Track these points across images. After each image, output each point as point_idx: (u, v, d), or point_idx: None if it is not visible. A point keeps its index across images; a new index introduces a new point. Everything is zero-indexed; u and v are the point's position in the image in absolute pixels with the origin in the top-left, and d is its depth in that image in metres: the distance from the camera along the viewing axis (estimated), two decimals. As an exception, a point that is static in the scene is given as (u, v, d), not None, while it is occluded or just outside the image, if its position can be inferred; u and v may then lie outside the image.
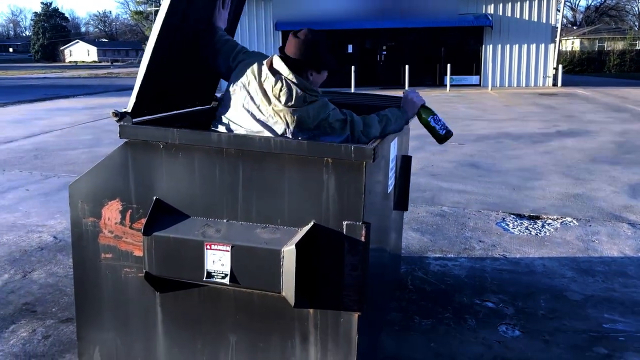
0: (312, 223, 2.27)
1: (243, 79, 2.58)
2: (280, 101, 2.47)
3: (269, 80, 2.50)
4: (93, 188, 2.52)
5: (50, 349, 3.00)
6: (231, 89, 2.63)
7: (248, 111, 2.54)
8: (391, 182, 3.03)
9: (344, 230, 2.25)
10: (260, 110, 2.52)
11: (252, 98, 2.54)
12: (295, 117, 2.47)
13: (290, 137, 2.48)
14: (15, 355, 2.94)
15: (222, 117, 2.62)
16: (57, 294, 3.68)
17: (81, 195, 2.55)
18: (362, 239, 2.24)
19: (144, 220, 2.43)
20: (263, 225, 2.34)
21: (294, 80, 2.49)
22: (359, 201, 2.22)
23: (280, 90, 2.47)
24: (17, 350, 2.99)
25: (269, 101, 2.50)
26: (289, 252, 2.22)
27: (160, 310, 2.56)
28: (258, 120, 2.52)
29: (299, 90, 2.48)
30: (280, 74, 2.51)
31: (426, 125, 2.77)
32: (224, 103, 2.65)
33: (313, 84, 2.60)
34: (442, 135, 2.76)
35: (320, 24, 24.32)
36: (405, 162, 3.67)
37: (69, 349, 2.98)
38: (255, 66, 2.57)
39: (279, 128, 2.49)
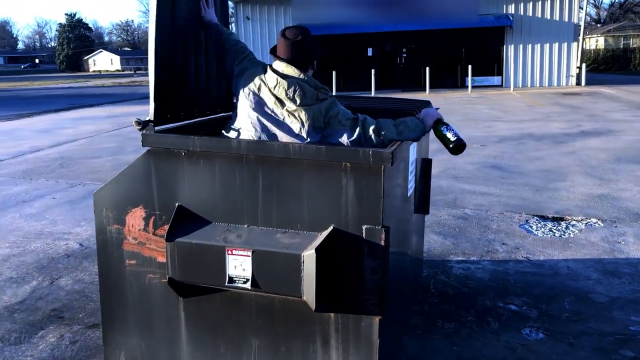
0: (331, 227, 2.29)
1: (251, 86, 2.62)
2: (295, 102, 2.53)
3: (280, 85, 2.55)
4: (117, 196, 2.57)
5: (77, 354, 3.06)
6: (239, 96, 2.68)
7: (260, 115, 2.58)
8: (411, 185, 3.03)
9: (364, 235, 2.26)
10: (274, 113, 2.57)
11: (264, 103, 2.59)
12: (309, 115, 2.53)
13: (305, 136, 2.53)
14: (43, 360, 3.00)
15: (232, 124, 2.66)
16: (83, 300, 3.76)
17: (105, 202, 2.60)
18: (382, 242, 2.24)
19: (166, 227, 2.47)
20: (283, 230, 2.36)
21: (307, 80, 2.57)
22: (378, 205, 2.23)
23: (295, 92, 2.53)
24: (46, 355, 3.06)
25: (282, 104, 2.55)
26: (309, 256, 2.24)
27: (183, 315, 2.60)
28: (272, 122, 2.56)
29: (312, 90, 2.56)
30: (292, 77, 2.56)
31: (441, 136, 2.76)
32: (233, 111, 2.70)
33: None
34: (457, 144, 2.73)
35: (339, 28, 24.39)
36: (425, 165, 3.68)
37: (96, 354, 3.03)
38: (262, 75, 2.63)
39: (295, 127, 2.54)
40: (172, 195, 2.48)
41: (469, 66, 22.63)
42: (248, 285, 2.35)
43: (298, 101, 2.53)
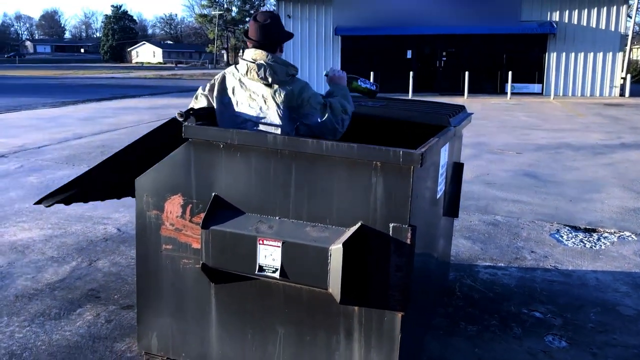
0: (359, 224, 2.37)
1: (226, 92, 2.86)
2: (267, 81, 2.73)
3: (251, 69, 2.76)
4: (157, 183, 2.71)
5: (112, 333, 3.21)
6: (218, 109, 2.88)
7: (242, 114, 2.80)
8: (441, 188, 3.09)
9: (390, 232, 2.33)
10: (251, 107, 2.78)
11: (241, 102, 2.81)
12: (283, 95, 2.73)
13: (279, 122, 2.73)
14: (81, 336, 3.17)
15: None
16: (119, 282, 3.92)
17: (146, 189, 2.74)
18: (408, 241, 2.32)
19: (202, 215, 2.59)
20: (313, 223, 2.45)
21: (275, 60, 2.78)
22: (406, 204, 2.30)
23: (265, 71, 2.72)
24: (83, 331, 3.22)
25: (256, 94, 2.76)
26: (336, 250, 2.32)
27: (214, 300, 2.71)
28: (256, 118, 2.77)
29: (281, 66, 2.78)
30: (258, 60, 2.77)
31: (357, 89, 3.27)
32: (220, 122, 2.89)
33: None
34: (373, 90, 3.35)
35: (379, 29, 24.40)
36: (457, 169, 3.72)
37: (129, 333, 3.18)
38: (233, 73, 2.86)
39: (273, 115, 2.73)
40: (209, 185, 2.60)
41: (509, 72, 22.36)
42: (277, 275, 2.45)
43: (270, 79, 2.73)
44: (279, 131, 2.73)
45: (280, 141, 2.45)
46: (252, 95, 2.78)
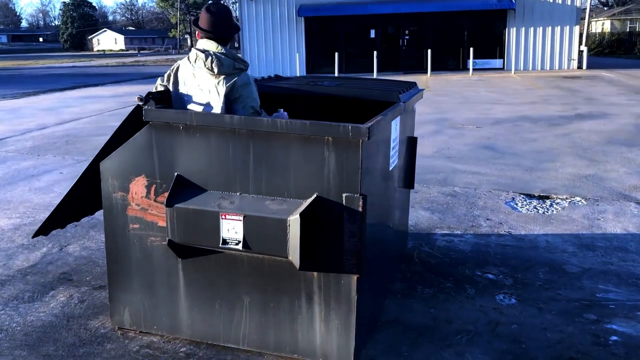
0: (315, 195, 2.54)
1: (180, 82, 2.99)
2: (213, 72, 2.83)
3: (199, 58, 2.87)
4: (121, 165, 2.83)
5: (85, 312, 3.34)
6: (173, 96, 3.01)
7: (192, 103, 2.92)
8: (393, 160, 3.27)
9: (344, 202, 2.51)
10: (198, 97, 2.90)
11: (192, 92, 2.93)
12: (225, 86, 2.84)
13: (220, 111, 2.84)
14: (55, 316, 3.29)
15: None
16: (90, 265, 4.04)
17: (111, 172, 2.86)
18: (360, 209, 2.50)
19: (166, 194, 2.73)
20: (272, 197, 2.62)
21: (223, 51, 2.89)
22: (356, 175, 2.48)
23: (212, 62, 2.83)
24: (57, 312, 3.34)
25: (200, 82, 2.87)
26: (294, 220, 2.49)
27: (182, 275, 2.87)
28: (203, 108, 2.88)
29: (227, 59, 2.86)
30: (208, 51, 2.87)
31: None
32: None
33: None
34: None
35: (342, 9, 24.45)
36: (410, 143, 3.92)
37: (102, 311, 3.31)
38: (186, 63, 2.96)
39: (216, 105, 2.85)
40: (171, 166, 2.74)
41: (471, 49, 22.73)
42: (240, 247, 2.62)
43: (216, 70, 2.83)
44: None
45: (237, 121, 2.60)
46: (200, 85, 2.89)
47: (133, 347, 2.93)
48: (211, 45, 2.90)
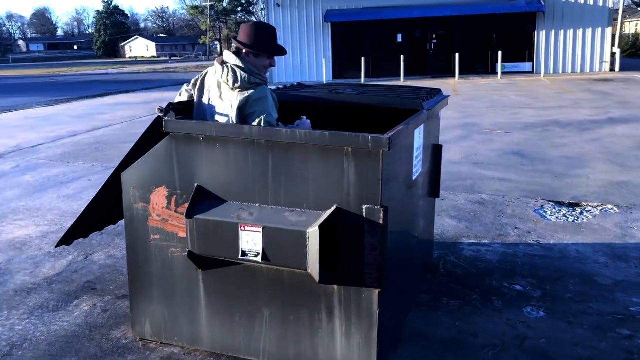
0: (334, 207, 2.50)
1: (204, 94, 2.97)
2: (229, 85, 2.81)
3: (218, 72, 2.86)
4: (142, 176, 2.83)
5: (108, 321, 3.35)
6: (196, 106, 3.00)
7: (213, 113, 2.90)
8: (417, 169, 3.21)
9: (364, 214, 2.46)
10: (219, 107, 2.88)
11: (213, 102, 2.92)
12: (238, 101, 2.79)
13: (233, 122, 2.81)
14: (78, 326, 3.31)
15: None
16: (114, 273, 4.06)
17: (132, 182, 2.86)
18: (381, 221, 2.45)
19: (186, 205, 2.72)
20: (291, 209, 2.58)
21: (239, 64, 2.84)
22: (377, 186, 2.43)
23: (228, 75, 2.81)
24: (80, 321, 3.36)
25: (222, 93, 2.86)
26: (313, 233, 2.45)
27: (202, 286, 2.85)
28: (224, 115, 2.85)
29: (242, 74, 2.82)
30: (227, 63, 2.86)
31: None
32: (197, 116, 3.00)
33: (255, 67, 2.91)
34: None
35: (369, 14, 24.37)
36: (435, 151, 3.84)
37: (124, 321, 3.32)
38: (212, 71, 2.96)
39: (232, 117, 2.81)
40: (191, 176, 2.73)
41: (499, 52, 22.41)
42: (259, 259, 2.59)
43: (230, 84, 2.81)
44: None
45: (256, 132, 2.57)
46: (222, 95, 2.87)
47: (154, 359, 2.92)
48: (231, 58, 2.88)
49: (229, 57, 2.89)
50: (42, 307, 3.56)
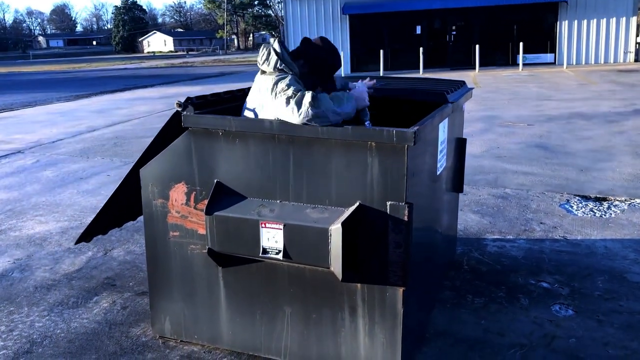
0: (357, 203, 2.43)
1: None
2: (260, 62, 2.72)
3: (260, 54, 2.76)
4: (161, 172, 2.78)
5: (127, 319, 3.32)
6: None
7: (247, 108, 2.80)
8: (441, 164, 3.12)
9: (388, 210, 2.38)
10: (254, 99, 2.76)
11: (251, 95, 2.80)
12: (266, 83, 2.64)
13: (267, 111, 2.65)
14: (98, 323, 3.28)
15: None
16: (134, 270, 4.03)
17: (151, 178, 2.81)
18: (405, 218, 2.37)
19: (206, 201, 2.66)
20: (312, 205, 2.51)
21: (276, 48, 2.71)
22: (402, 182, 2.35)
23: (263, 53, 2.71)
24: (100, 318, 3.34)
25: (260, 84, 2.72)
26: (336, 230, 2.38)
27: (222, 283, 2.80)
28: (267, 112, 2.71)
29: (274, 56, 2.69)
30: (269, 43, 2.76)
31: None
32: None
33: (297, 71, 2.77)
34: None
35: (388, 5, 24.15)
36: (459, 145, 3.75)
37: (144, 318, 3.28)
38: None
39: (259, 99, 2.69)
40: (210, 172, 2.67)
41: (521, 43, 22.06)
42: (280, 256, 2.53)
43: (261, 60, 2.72)
44: None
45: (276, 126, 2.50)
46: (259, 87, 2.73)
47: (174, 357, 2.88)
48: (276, 45, 2.75)
49: (276, 45, 2.77)
50: (61, 304, 3.54)
